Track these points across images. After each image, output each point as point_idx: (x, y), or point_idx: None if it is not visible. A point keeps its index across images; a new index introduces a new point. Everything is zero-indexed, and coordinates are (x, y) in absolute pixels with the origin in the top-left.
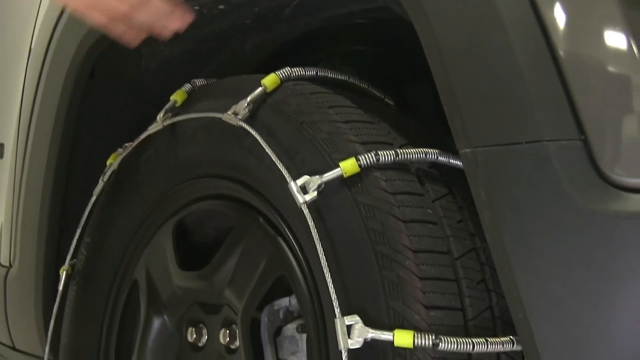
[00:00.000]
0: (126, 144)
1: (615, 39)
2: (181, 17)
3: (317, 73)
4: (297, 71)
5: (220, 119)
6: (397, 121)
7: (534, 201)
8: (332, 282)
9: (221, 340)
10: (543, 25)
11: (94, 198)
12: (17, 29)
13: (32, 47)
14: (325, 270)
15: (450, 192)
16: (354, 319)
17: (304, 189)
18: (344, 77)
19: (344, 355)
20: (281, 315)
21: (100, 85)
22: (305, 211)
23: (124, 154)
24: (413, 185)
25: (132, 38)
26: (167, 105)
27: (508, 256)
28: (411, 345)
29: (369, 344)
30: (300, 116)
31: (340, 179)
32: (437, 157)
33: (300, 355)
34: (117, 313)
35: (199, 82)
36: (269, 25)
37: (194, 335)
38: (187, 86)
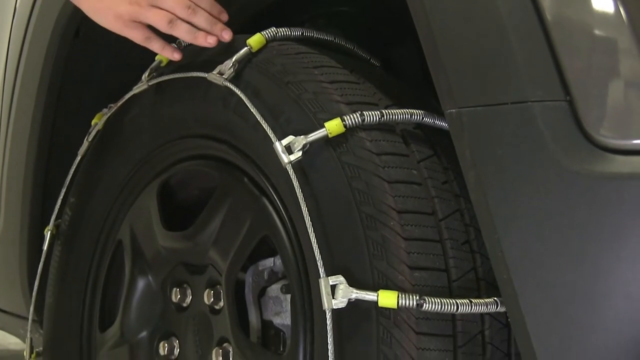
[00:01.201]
0: (111, 104)
1: (602, 1)
2: (224, 29)
3: (303, 33)
4: (283, 31)
5: (205, 78)
6: (382, 82)
7: (518, 162)
8: (317, 242)
9: (205, 300)
10: None
11: (78, 158)
12: None
13: (16, 6)
14: (309, 231)
15: (436, 153)
16: (338, 279)
17: (288, 149)
18: (330, 38)
19: (328, 315)
20: (265, 276)
21: (85, 44)
22: (290, 171)
23: (109, 114)
24: (398, 146)
25: (173, 50)
26: (153, 65)
27: (492, 217)
28: (395, 306)
29: (353, 304)
30: (285, 76)
31: (325, 139)
32: (423, 118)
33: (284, 316)
34: (101, 273)
35: (184, 41)
36: None
37: (179, 296)
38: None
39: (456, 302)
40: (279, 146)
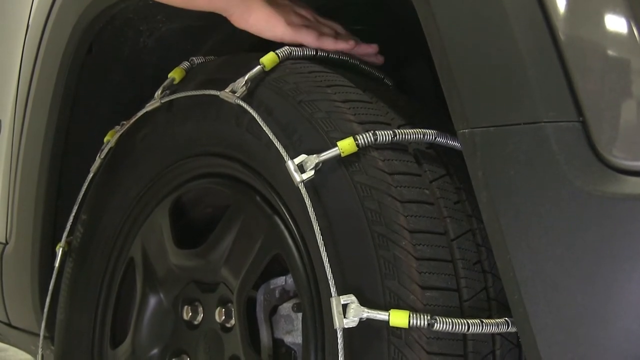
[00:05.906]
0: (123, 121)
1: (616, 21)
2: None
3: (316, 52)
4: (296, 50)
5: (217, 96)
6: (395, 101)
7: (531, 182)
8: (328, 261)
9: (217, 318)
10: (543, 6)
11: (90, 175)
12: (15, 4)
13: (29, 22)
14: (321, 250)
15: (448, 172)
16: (349, 299)
17: (301, 168)
18: (343, 57)
19: (339, 334)
20: (277, 294)
21: (98, 61)
22: (302, 190)
23: (121, 131)
24: (410, 165)
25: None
26: (165, 83)
27: (504, 237)
28: (406, 325)
29: (364, 323)
30: (298, 95)
31: (337, 158)
32: (435, 138)
33: (295, 334)
34: (113, 290)
35: (197, 59)
36: None
37: (190, 313)
38: (185, 64)
39: (467, 322)
40: (291, 165)
